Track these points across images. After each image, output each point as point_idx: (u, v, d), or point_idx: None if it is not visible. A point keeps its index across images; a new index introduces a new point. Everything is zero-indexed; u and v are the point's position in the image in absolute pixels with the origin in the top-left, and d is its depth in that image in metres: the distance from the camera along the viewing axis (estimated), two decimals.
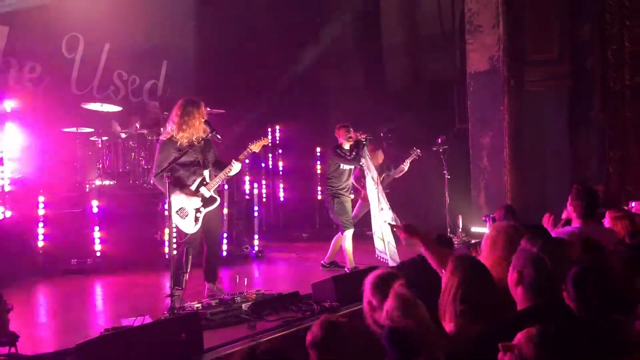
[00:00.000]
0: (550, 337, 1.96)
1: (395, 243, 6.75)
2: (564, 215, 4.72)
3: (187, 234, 5.28)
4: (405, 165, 8.05)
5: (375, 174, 6.97)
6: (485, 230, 6.57)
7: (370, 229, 7.00)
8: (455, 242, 8.18)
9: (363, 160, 6.86)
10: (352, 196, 7.22)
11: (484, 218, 6.83)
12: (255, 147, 5.44)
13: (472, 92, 9.13)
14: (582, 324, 2.43)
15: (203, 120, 5.27)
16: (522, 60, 9.25)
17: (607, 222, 4.88)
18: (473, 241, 7.61)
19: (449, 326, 2.55)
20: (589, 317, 2.51)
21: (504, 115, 8.83)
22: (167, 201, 4.84)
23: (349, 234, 6.83)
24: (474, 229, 8.68)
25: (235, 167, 5.30)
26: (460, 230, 8.66)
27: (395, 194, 8.41)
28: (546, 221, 4.65)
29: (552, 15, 9.22)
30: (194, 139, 5.24)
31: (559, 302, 2.48)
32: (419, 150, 8.11)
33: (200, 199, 5.30)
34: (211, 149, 5.46)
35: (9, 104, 7.47)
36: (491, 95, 8.88)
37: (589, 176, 8.86)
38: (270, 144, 10.28)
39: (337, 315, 2.77)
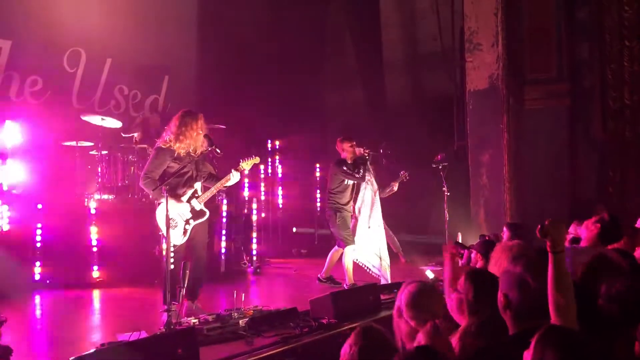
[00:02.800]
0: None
1: (390, 262, 6.76)
2: (571, 229, 4.65)
3: (174, 245, 5.23)
4: (395, 187, 8.01)
5: (376, 187, 6.96)
6: None
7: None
8: None
9: (367, 176, 6.86)
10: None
11: (487, 237, 6.78)
12: (246, 165, 5.46)
13: (471, 110, 9.16)
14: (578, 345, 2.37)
15: (201, 132, 5.28)
16: (522, 79, 9.30)
17: None
18: None
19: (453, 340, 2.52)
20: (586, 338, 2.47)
21: (503, 133, 8.85)
22: (164, 213, 4.81)
23: (349, 249, 6.80)
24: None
25: (235, 177, 5.32)
26: None
27: (394, 210, 8.38)
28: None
29: (552, 34, 9.28)
30: (190, 150, 5.26)
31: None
32: (407, 173, 8.07)
33: (190, 210, 5.28)
34: (205, 162, 5.47)
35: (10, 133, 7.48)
36: (490, 113, 8.90)
37: (588, 195, 8.86)
38: (260, 164, 10.26)
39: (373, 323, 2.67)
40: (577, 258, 3.60)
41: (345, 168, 6.87)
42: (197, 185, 5.38)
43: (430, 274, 6.82)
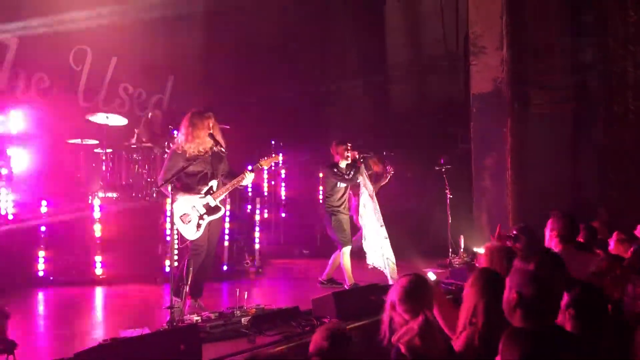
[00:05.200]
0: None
1: (395, 260, 6.76)
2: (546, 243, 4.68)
3: (187, 240, 5.28)
4: (383, 182, 7.95)
5: (371, 189, 6.98)
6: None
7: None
8: (457, 263, 8.18)
9: (360, 178, 6.90)
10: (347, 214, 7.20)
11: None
12: (265, 163, 5.60)
13: (475, 113, 9.18)
14: (582, 345, 2.39)
15: (209, 131, 5.32)
16: (526, 83, 9.29)
17: (612, 244, 4.88)
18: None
19: (457, 342, 2.54)
20: (590, 338, 2.49)
21: (506, 136, 8.86)
22: (177, 209, 4.86)
23: (346, 250, 6.84)
24: (477, 249, 8.66)
25: (248, 178, 5.39)
26: (462, 250, 8.64)
27: (396, 213, 8.41)
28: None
29: (556, 39, 9.28)
30: (201, 149, 5.30)
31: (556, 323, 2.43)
32: (392, 167, 7.97)
33: (205, 206, 5.32)
34: (222, 160, 5.50)
35: (16, 120, 7.52)
36: (494, 116, 8.92)
37: (592, 200, 8.85)
38: (280, 162, 10.38)
39: (342, 325, 2.73)
40: (576, 259, 3.66)
41: (335, 170, 6.94)
42: (213, 183, 5.43)
43: (432, 276, 6.81)
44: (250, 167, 5.52)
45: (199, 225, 5.28)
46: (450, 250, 8.48)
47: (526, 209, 8.86)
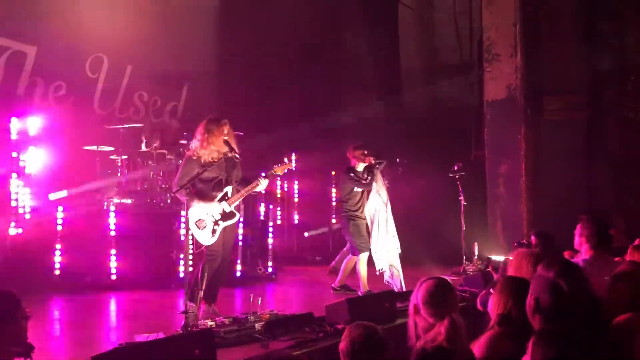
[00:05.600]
0: None
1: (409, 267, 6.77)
2: (576, 247, 4.65)
3: (203, 245, 5.31)
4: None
5: (386, 196, 6.97)
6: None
7: None
8: (471, 270, 8.13)
9: (374, 184, 6.90)
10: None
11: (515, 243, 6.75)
12: (279, 170, 5.62)
13: (489, 120, 9.15)
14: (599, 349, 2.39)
15: (224, 138, 5.36)
16: (540, 89, 9.25)
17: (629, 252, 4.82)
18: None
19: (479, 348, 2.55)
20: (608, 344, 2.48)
21: (521, 143, 8.83)
22: (193, 214, 4.90)
23: (364, 256, 6.81)
24: (493, 257, 8.60)
25: (262, 184, 5.41)
26: (476, 257, 8.59)
27: (410, 220, 8.39)
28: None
29: (571, 45, 9.23)
30: (215, 156, 5.34)
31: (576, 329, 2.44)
32: (384, 162, 7.93)
33: (220, 211, 5.36)
34: (236, 166, 5.55)
35: (34, 123, 7.62)
36: (508, 123, 8.89)
37: (607, 206, 8.77)
38: (293, 169, 10.38)
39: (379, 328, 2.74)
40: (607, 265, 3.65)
41: (352, 175, 6.96)
42: (228, 189, 5.45)
43: None
44: (264, 174, 5.55)
45: (214, 231, 5.31)
46: (464, 257, 8.44)
47: (541, 216, 8.80)
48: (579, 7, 9.17)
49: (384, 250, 6.77)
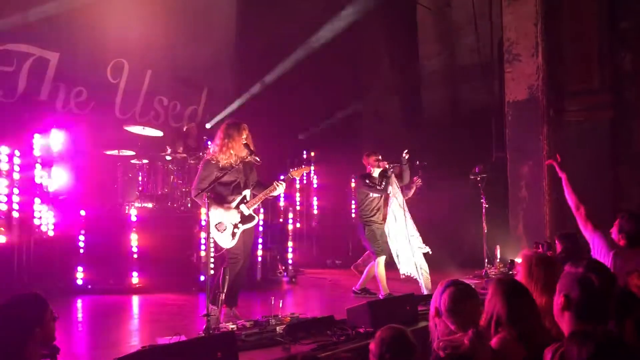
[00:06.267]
0: None
1: (430, 270, 6.70)
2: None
3: (223, 248, 5.32)
4: (410, 193, 7.92)
5: (402, 199, 6.94)
6: None
7: None
8: (493, 273, 8.04)
9: (390, 188, 6.89)
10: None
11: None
12: (296, 174, 5.62)
13: (510, 121, 9.05)
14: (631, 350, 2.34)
15: (243, 142, 5.38)
16: (562, 90, 9.14)
17: None
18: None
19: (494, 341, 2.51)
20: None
21: (543, 144, 8.71)
22: (212, 218, 4.91)
23: (381, 260, 6.81)
24: (517, 260, 8.50)
25: (280, 188, 5.42)
26: (498, 260, 8.49)
27: (431, 222, 8.32)
28: None
29: (593, 45, 9.11)
30: (233, 160, 5.35)
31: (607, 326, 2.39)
32: (419, 179, 7.98)
33: (239, 214, 5.37)
34: (253, 170, 5.56)
35: (57, 139, 7.73)
36: (530, 124, 8.78)
37: (631, 208, 8.60)
38: (311, 171, 10.42)
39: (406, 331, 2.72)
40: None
41: (367, 181, 6.98)
42: (246, 192, 5.48)
43: None
44: (282, 177, 5.55)
45: (234, 234, 5.32)
46: (486, 260, 8.35)
47: (564, 219, 8.66)
48: (602, 6, 9.04)
49: (408, 254, 6.73)
